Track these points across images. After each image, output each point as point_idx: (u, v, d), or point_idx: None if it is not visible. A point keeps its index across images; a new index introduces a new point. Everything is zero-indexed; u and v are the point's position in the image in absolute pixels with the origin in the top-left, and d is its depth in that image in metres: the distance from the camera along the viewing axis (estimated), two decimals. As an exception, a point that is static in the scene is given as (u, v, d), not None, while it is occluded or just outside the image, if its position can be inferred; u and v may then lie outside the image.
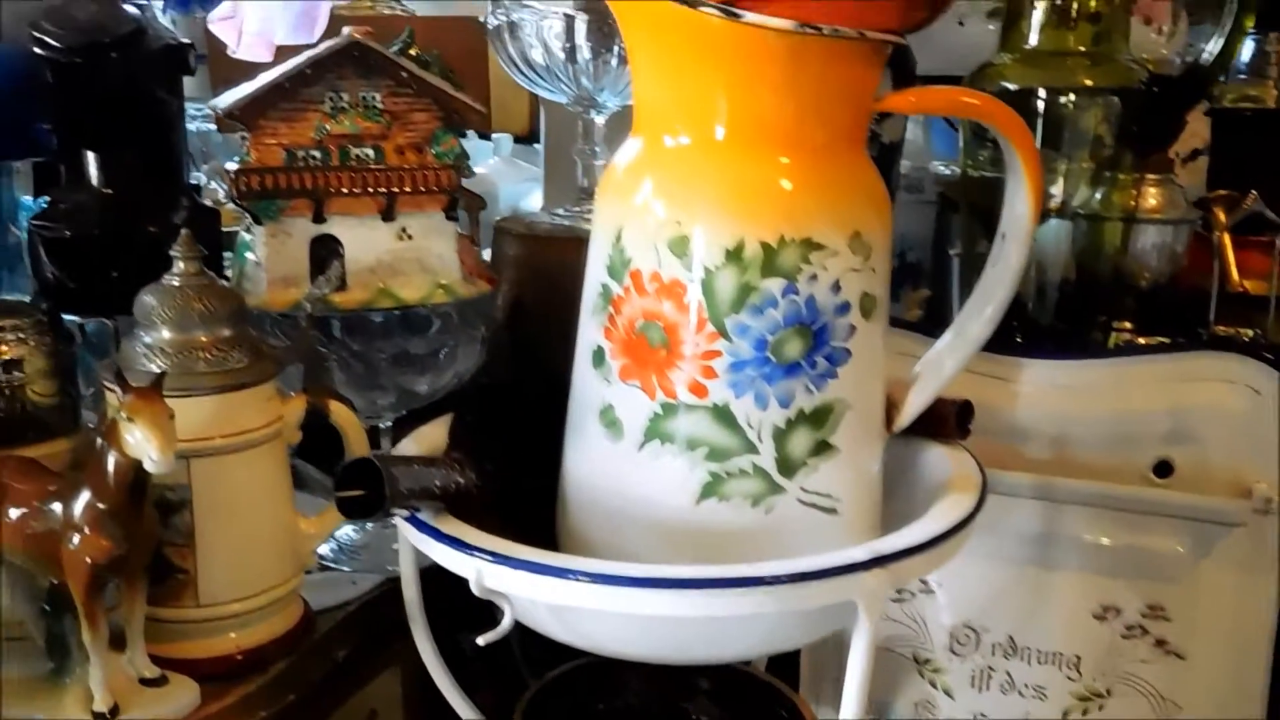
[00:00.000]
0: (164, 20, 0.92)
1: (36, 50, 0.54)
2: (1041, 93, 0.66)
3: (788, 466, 0.49)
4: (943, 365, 0.55)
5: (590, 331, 0.52)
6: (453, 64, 0.83)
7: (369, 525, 0.64)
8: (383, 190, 0.58)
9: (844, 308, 0.48)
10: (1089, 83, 0.65)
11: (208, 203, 0.68)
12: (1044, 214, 0.74)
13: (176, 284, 0.51)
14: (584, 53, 0.73)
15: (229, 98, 0.54)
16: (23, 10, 0.56)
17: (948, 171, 0.94)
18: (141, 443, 0.42)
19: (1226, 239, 0.78)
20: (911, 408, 0.55)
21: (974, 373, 0.69)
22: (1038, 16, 0.68)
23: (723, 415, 0.48)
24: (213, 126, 0.91)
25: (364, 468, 0.44)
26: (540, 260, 0.77)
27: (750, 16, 0.44)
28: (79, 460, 0.56)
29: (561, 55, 0.73)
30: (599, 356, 0.51)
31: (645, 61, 0.49)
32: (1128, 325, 0.76)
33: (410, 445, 0.56)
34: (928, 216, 0.98)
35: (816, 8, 0.45)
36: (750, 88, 0.46)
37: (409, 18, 0.82)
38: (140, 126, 0.58)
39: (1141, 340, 0.71)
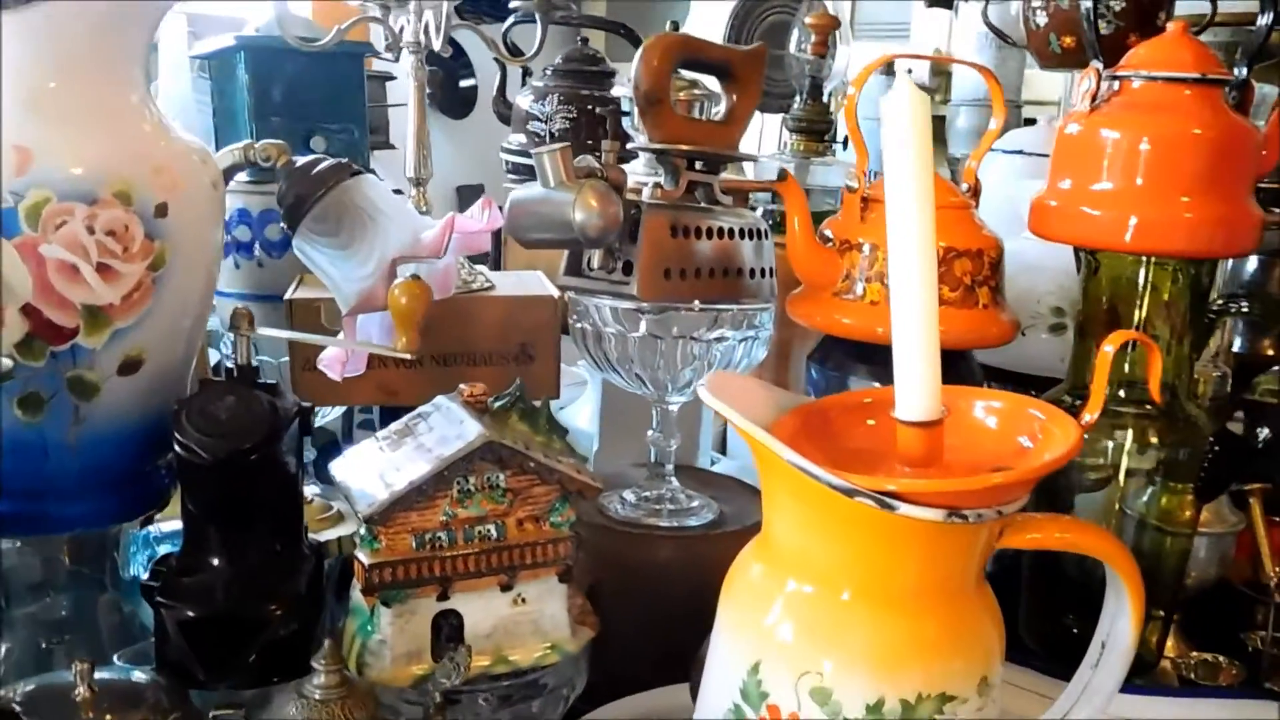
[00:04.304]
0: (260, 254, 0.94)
1: (178, 450, 0.55)
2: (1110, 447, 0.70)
3: None
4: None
5: (719, 744, 0.54)
6: (528, 336, 0.86)
7: None
8: (505, 566, 0.60)
9: (968, 745, 0.51)
10: (1154, 439, 0.69)
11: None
12: (1089, 485, 0.78)
13: (318, 697, 0.52)
14: (669, 364, 0.75)
15: (365, 501, 0.56)
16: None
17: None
18: None
19: (1261, 531, 0.82)
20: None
21: (1025, 690, 0.73)
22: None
23: None
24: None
25: None
26: (614, 553, 0.79)
27: (904, 509, 0.47)
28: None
29: (643, 366, 0.76)
30: (731, 773, 0.53)
31: (784, 514, 0.52)
32: (1175, 618, 0.79)
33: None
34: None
35: (964, 497, 0.47)
36: (890, 560, 0.49)
37: (493, 298, 0.84)
38: (268, 502, 0.59)
39: (1194, 655, 0.75)
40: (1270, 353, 1.02)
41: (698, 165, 0.77)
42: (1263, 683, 0.72)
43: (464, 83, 2.15)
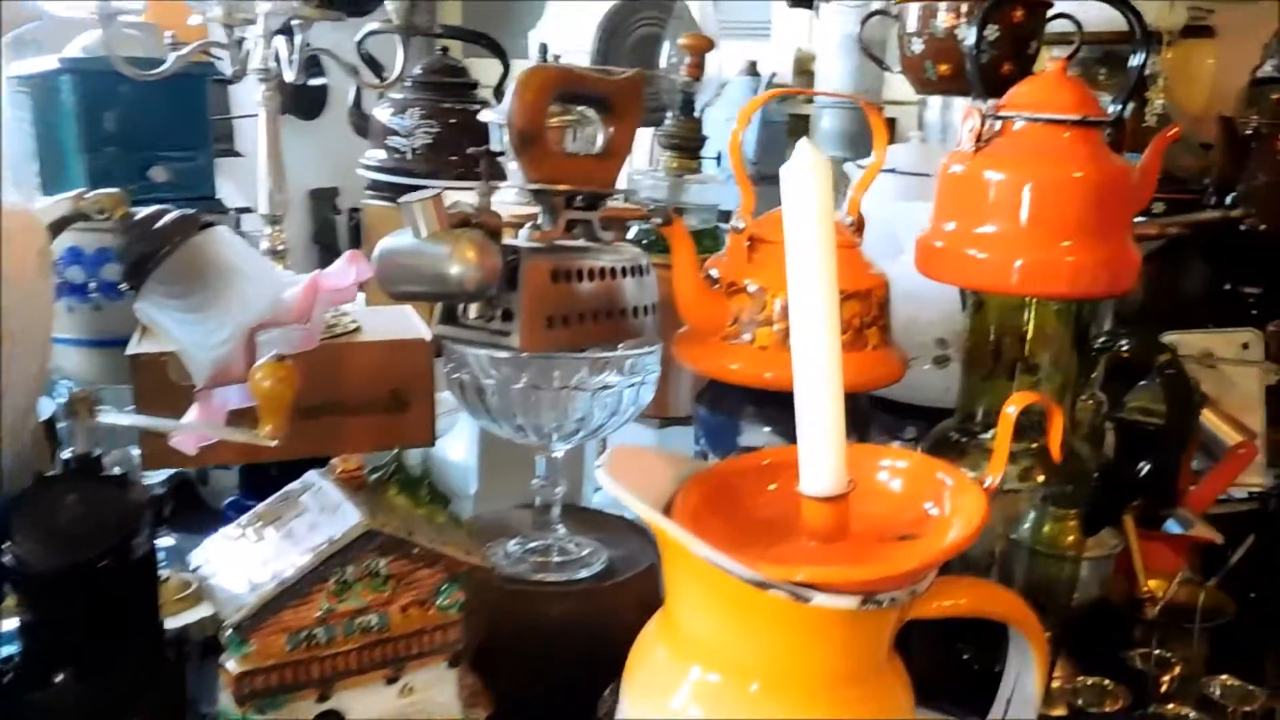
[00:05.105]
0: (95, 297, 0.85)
1: (11, 561, 0.48)
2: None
3: None
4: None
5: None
6: (400, 382, 0.81)
7: None
8: (390, 659, 0.55)
9: (884, 825, 0.50)
10: (1039, 476, 0.70)
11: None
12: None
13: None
14: (553, 413, 0.72)
15: (234, 610, 0.51)
16: None
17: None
18: None
19: (1135, 549, 0.84)
20: None
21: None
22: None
23: None
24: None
25: None
26: (501, 612, 0.75)
27: (819, 599, 0.45)
28: None
29: (526, 416, 0.72)
30: None
31: (688, 599, 0.49)
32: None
33: None
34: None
35: (877, 583, 0.46)
36: (802, 648, 0.47)
37: (362, 344, 0.78)
38: (119, 607, 0.53)
39: (1080, 680, 0.76)
40: (1125, 356, 1.05)
41: (577, 201, 0.74)
42: (1148, 705, 0.74)
43: (313, 81, 2.05)
